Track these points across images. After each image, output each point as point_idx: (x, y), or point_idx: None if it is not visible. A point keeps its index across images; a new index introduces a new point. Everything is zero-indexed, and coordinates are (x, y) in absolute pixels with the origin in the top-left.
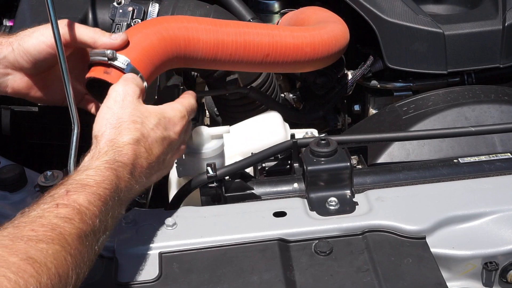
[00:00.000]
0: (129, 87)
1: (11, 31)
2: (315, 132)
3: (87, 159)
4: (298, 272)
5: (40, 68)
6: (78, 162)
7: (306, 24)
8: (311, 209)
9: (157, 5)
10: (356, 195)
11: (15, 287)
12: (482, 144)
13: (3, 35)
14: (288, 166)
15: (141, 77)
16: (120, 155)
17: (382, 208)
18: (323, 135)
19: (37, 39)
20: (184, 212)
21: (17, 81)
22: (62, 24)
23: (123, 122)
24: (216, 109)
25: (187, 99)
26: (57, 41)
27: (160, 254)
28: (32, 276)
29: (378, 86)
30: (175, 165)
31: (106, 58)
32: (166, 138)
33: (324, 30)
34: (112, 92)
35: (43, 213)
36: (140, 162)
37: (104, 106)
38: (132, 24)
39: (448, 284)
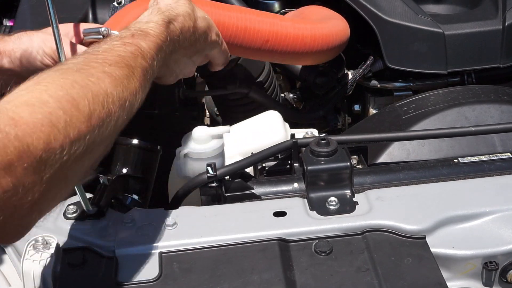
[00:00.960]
0: None
1: (11, 31)
2: (315, 132)
3: (146, 13)
4: (298, 271)
5: None
6: None
7: None
8: (311, 209)
9: None
10: (356, 195)
11: (109, 86)
12: (482, 144)
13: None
14: (288, 166)
15: None
16: (174, 19)
17: (382, 208)
18: (323, 135)
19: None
20: (184, 212)
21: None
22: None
23: None
24: (216, 109)
25: None
26: (57, 41)
27: (160, 254)
28: (110, 83)
29: (378, 86)
30: (175, 165)
31: (101, 36)
32: (210, 27)
33: (325, 24)
34: None
35: (113, 47)
36: (184, 35)
37: None
38: None
39: (448, 284)
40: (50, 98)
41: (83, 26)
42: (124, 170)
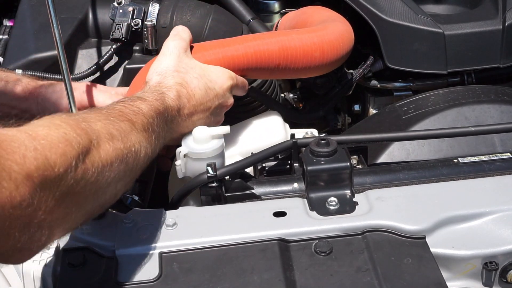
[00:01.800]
0: (177, 41)
1: (11, 31)
2: (315, 132)
3: (138, 93)
4: (298, 272)
5: None
6: None
7: (309, 24)
8: (311, 209)
9: (157, 5)
10: (356, 195)
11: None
12: (482, 144)
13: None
14: (288, 166)
15: None
16: (166, 91)
17: (382, 208)
18: (323, 135)
19: None
20: (184, 212)
21: None
22: (81, 88)
23: (168, 71)
24: None
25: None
26: (57, 41)
27: (160, 254)
28: (114, 128)
29: (378, 86)
30: (175, 165)
31: None
32: (211, 89)
33: (330, 30)
34: (163, 46)
35: (115, 106)
36: (182, 102)
37: (156, 59)
38: (132, 24)
39: (448, 284)
40: (63, 123)
41: (98, 88)
42: None
